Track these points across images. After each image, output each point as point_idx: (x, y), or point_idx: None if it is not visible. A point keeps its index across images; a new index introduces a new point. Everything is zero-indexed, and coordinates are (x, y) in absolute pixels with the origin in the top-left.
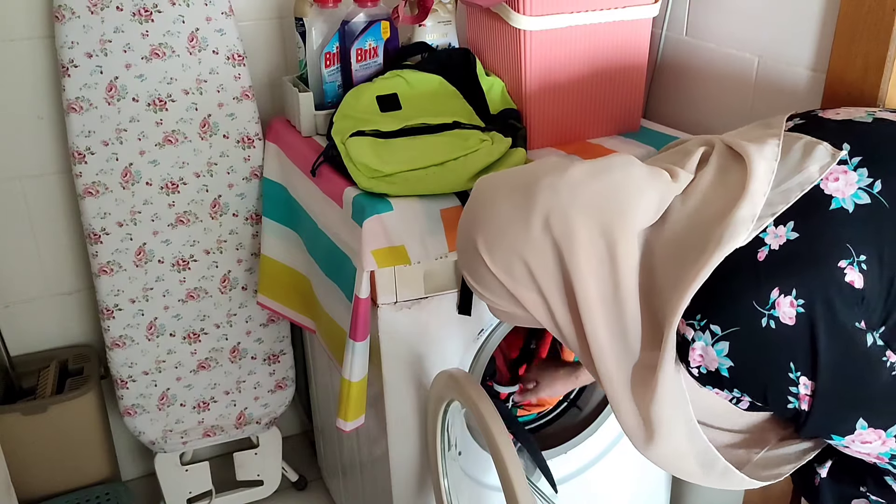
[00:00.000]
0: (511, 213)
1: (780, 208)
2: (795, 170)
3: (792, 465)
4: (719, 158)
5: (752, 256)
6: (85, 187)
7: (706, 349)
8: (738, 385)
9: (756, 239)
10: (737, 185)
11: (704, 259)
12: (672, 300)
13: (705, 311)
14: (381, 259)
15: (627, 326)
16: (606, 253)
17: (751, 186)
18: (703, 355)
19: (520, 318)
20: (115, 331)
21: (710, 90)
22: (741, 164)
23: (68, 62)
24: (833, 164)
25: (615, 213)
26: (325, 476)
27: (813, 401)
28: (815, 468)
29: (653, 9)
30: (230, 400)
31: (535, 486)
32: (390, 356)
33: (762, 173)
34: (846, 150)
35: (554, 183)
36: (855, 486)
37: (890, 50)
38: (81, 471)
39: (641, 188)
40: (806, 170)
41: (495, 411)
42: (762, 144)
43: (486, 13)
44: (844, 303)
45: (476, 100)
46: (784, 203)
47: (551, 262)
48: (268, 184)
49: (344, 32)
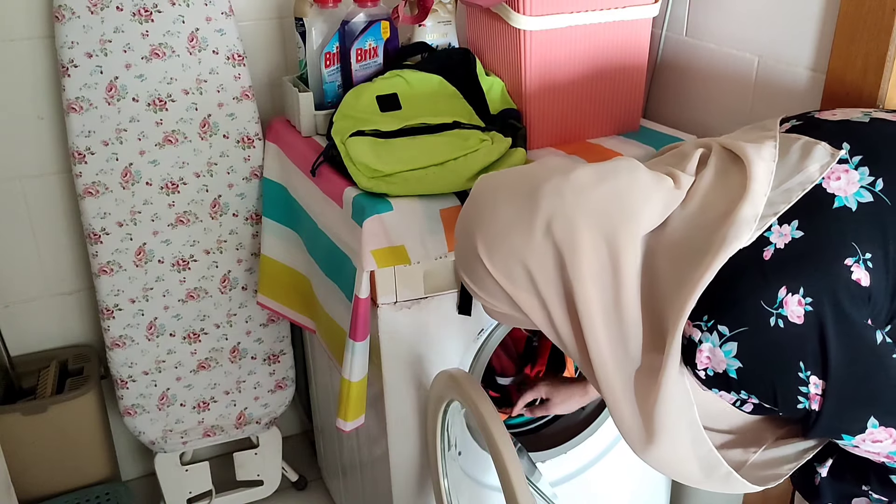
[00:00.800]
0: (513, 216)
1: (782, 208)
2: (795, 170)
3: (791, 464)
4: (717, 161)
5: (757, 256)
6: (85, 187)
7: (714, 350)
8: (747, 386)
9: (760, 238)
10: (737, 187)
11: (709, 260)
12: (677, 302)
13: (712, 312)
14: (381, 259)
15: (628, 332)
16: (609, 259)
17: (751, 187)
18: (710, 357)
19: (517, 321)
20: (115, 331)
21: (709, 90)
22: (740, 165)
23: (68, 62)
24: (833, 164)
25: (620, 218)
26: (325, 476)
27: (824, 400)
28: (815, 467)
29: (653, 9)
30: (230, 400)
31: (535, 486)
32: (390, 356)
33: (762, 174)
34: (846, 149)
35: (558, 186)
36: (857, 485)
37: (890, 50)
38: (81, 471)
39: (647, 194)
40: (806, 169)
41: (495, 411)
42: (760, 146)
43: (486, 13)
44: (852, 301)
45: (476, 100)
46: (786, 202)
47: (552, 267)
48: (268, 184)
49: (344, 32)
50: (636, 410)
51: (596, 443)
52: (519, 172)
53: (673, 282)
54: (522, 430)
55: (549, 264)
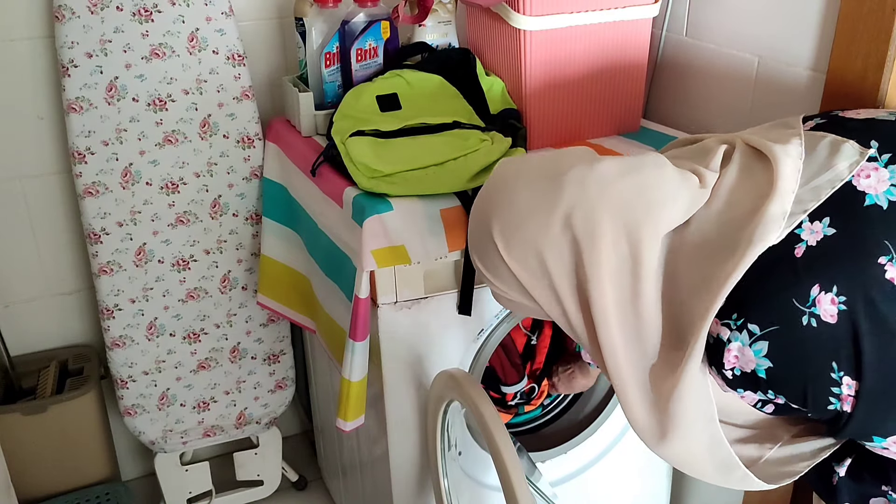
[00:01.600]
0: (533, 203)
1: (811, 205)
2: (823, 167)
3: (807, 462)
4: (742, 157)
5: (788, 253)
6: (85, 187)
7: (743, 350)
8: (776, 386)
9: (791, 235)
10: (763, 184)
11: (737, 258)
12: (703, 300)
13: (741, 310)
14: (381, 259)
15: (645, 328)
16: (629, 254)
17: (779, 184)
18: (738, 356)
19: (527, 309)
20: (115, 331)
21: (710, 90)
22: (765, 163)
23: (68, 62)
24: (863, 162)
25: (644, 214)
26: (325, 476)
27: (856, 402)
28: (833, 467)
29: (653, 9)
30: (230, 400)
31: (535, 486)
32: (390, 356)
33: (790, 171)
34: (874, 147)
35: (582, 177)
36: (876, 485)
37: (890, 51)
38: (81, 471)
39: (673, 191)
40: (835, 167)
41: (495, 411)
42: (786, 143)
43: (486, 13)
44: (886, 300)
45: (476, 100)
46: (815, 200)
47: (568, 258)
48: (268, 184)
49: (344, 32)
50: (649, 404)
51: (596, 443)
52: (542, 158)
53: (697, 279)
54: (522, 429)
55: (565, 255)
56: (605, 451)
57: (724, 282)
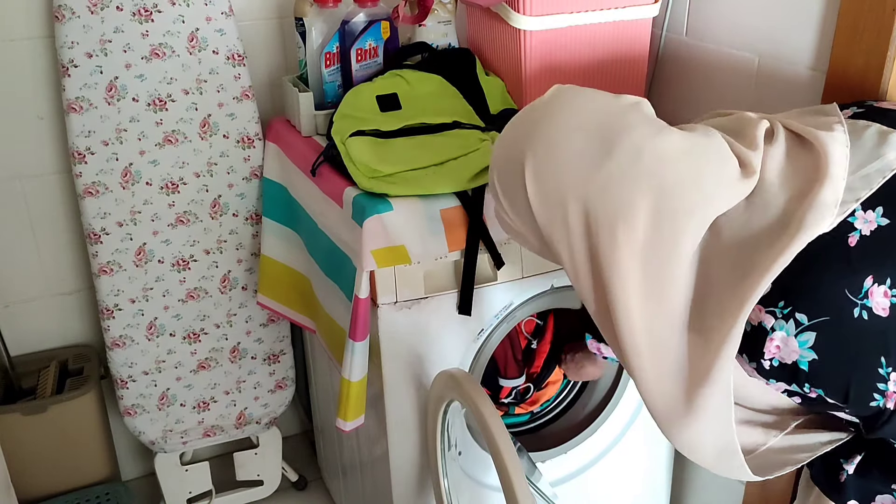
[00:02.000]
0: (578, 154)
1: (863, 193)
2: (872, 156)
3: (807, 454)
4: (785, 141)
5: (841, 242)
6: (85, 187)
7: (787, 340)
8: (817, 380)
9: (844, 223)
10: (810, 170)
11: (784, 243)
12: (744, 285)
13: (789, 298)
14: (381, 259)
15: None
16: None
17: (830, 170)
18: (780, 346)
19: (529, 244)
20: (115, 331)
21: (710, 90)
22: (808, 148)
23: (68, 62)
24: None
25: (694, 200)
26: (325, 476)
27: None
28: (842, 464)
29: (653, 9)
30: (230, 400)
31: (535, 486)
32: (390, 356)
33: (839, 157)
34: None
35: (640, 147)
36: (884, 483)
37: (890, 50)
38: (81, 471)
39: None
40: (884, 156)
41: (495, 411)
42: (830, 130)
43: (486, 13)
44: None
45: (476, 100)
46: (867, 189)
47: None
48: (268, 184)
49: (344, 32)
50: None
51: (596, 443)
52: (606, 104)
53: (739, 263)
54: (522, 429)
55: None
56: (605, 451)
57: (770, 266)
